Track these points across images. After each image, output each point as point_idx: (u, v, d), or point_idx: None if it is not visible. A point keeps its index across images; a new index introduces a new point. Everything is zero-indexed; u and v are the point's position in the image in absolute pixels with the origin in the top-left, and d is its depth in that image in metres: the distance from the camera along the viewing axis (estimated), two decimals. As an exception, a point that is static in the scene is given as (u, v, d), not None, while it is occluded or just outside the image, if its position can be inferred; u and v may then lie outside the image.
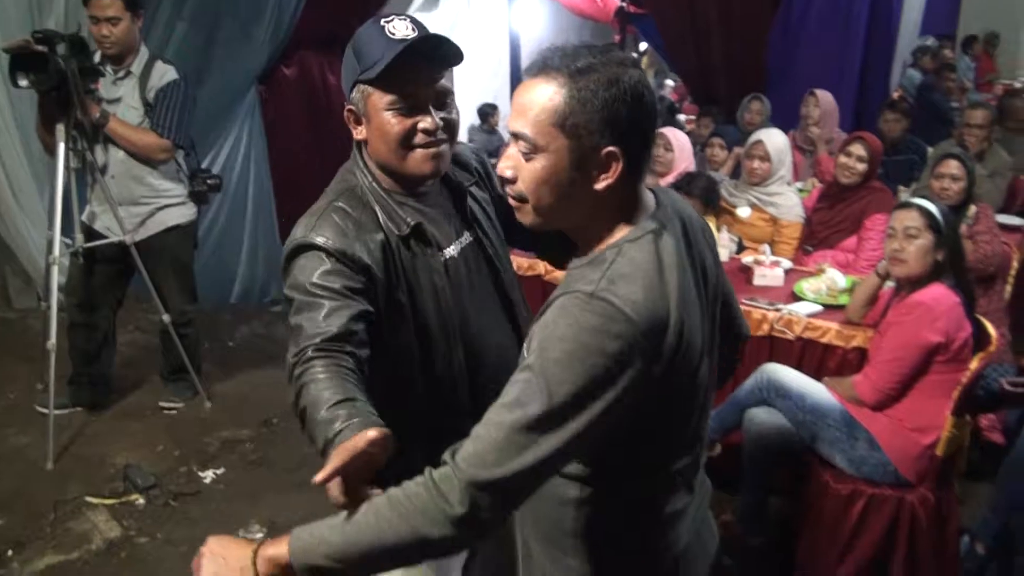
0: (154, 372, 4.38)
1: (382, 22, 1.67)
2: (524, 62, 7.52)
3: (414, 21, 1.69)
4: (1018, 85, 8.83)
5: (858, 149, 4.18)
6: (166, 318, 3.95)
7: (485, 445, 1.25)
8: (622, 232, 1.39)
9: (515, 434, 1.25)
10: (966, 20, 10.73)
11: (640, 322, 1.26)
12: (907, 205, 2.95)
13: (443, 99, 1.72)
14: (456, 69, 6.13)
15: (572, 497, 1.47)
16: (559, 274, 3.78)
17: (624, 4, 8.97)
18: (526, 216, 1.42)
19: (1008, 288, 4.12)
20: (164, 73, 3.66)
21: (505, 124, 8.35)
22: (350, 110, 1.73)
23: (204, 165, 4.34)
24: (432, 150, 1.70)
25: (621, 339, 1.25)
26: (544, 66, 1.35)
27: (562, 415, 1.25)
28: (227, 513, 3.43)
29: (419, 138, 1.69)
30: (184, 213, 3.89)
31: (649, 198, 1.44)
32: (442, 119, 1.70)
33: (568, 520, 1.49)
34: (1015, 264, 4.19)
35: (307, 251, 1.65)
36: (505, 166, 1.40)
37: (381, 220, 1.72)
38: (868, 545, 2.87)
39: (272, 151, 5.28)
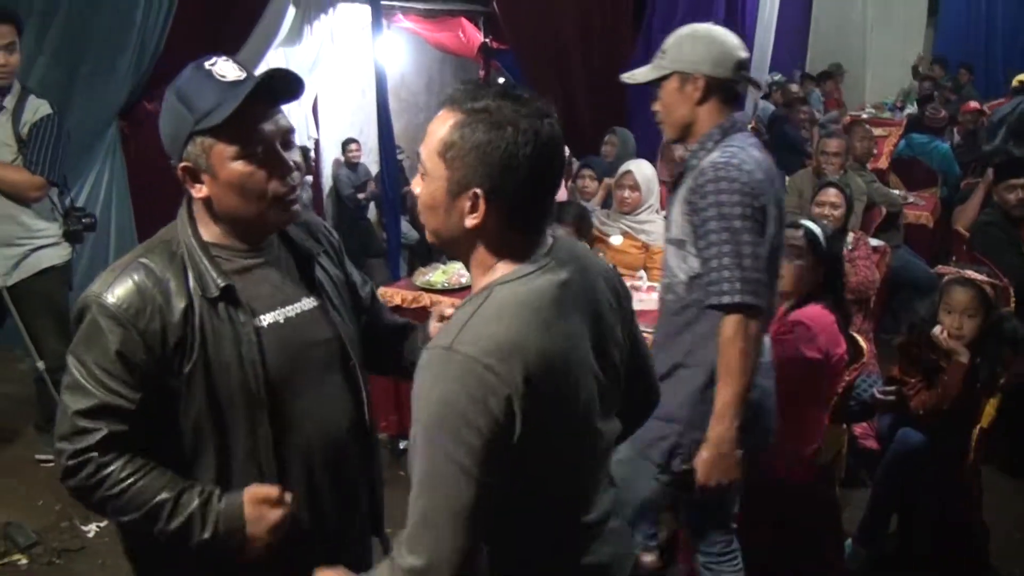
0: (27, 424, 4.15)
1: (207, 66, 1.55)
2: (390, 96, 7.51)
3: (237, 61, 1.58)
4: (864, 116, 9.43)
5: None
6: (40, 365, 3.74)
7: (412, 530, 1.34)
8: (499, 273, 1.42)
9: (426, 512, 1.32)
10: (814, 56, 11.40)
11: (493, 361, 1.29)
12: (795, 225, 3.10)
13: (288, 140, 1.60)
14: (321, 104, 6.22)
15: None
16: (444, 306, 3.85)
17: (488, 40, 9.13)
18: (428, 235, 1.48)
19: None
20: (38, 108, 3.52)
21: (366, 158, 8.25)
22: (185, 167, 1.56)
23: (70, 203, 4.16)
24: (293, 198, 1.60)
25: (481, 386, 1.29)
26: (450, 99, 1.40)
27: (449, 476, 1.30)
28: (114, 567, 3.27)
29: (277, 186, 1.56)
30: (59, 254, 3.72)
31: (542, 245, 1.45)
32: (292, 162, 1.59)
33: None
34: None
35: (97, 312, 1.52)
36: (414, 182, 1.47)
37: (189, 280, 1.56)
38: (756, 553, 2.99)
39: (134, 188, 5.11)
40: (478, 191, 1.35)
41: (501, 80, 10.48)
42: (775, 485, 2.94)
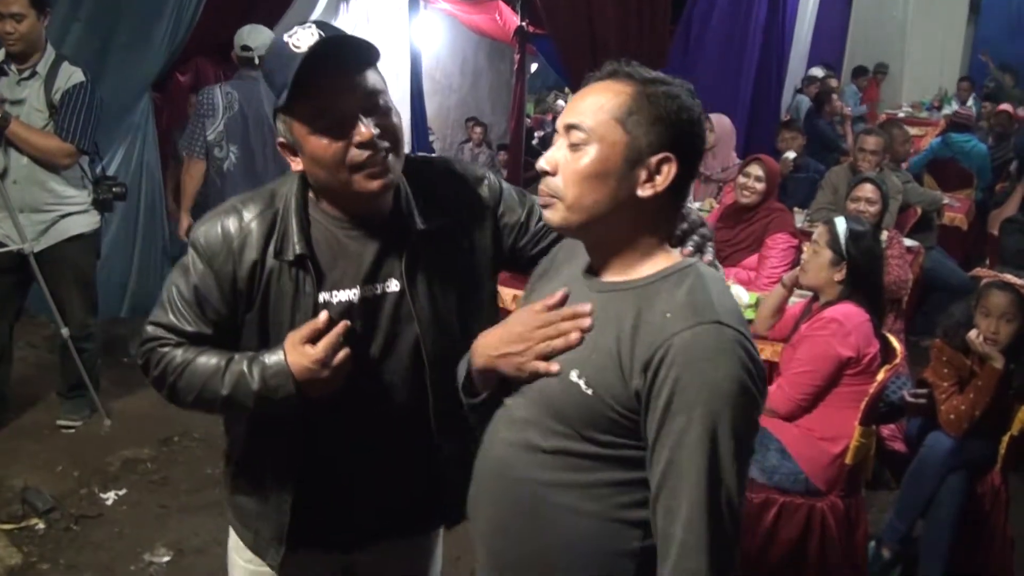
0: (49, 390, 4.17)
1: (285, 37, 1.47)
2: (424, 77, 7.46)
3: (321, 26, 1.48)
4: (901, 115, 9.30)
5: (756, 169, 4.29)
6: (65, 332, 3.75)
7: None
8: (666, 258, 1.38)
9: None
10: (852, 51, 11.24)
11: (749, 337, 1.30)
12: (828, 221, 3.09)
13: (374, 103, 1.50)
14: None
15: (635, 548, 1.38)
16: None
17: (524, 24, 9.07)
18: (557, 214, 1.36)
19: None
20: (71, 75, 3.51)
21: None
22: (282, 143, 1.56)
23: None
24: (375, 167, 1.49)
25: (753, 362, 1.28)
26: (615, 72, 1.36)
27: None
28: (132, 536, 3.28)
29: (355, 154, 1.47)
30: (88, 221, 3.73)
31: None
32: (377, 126, 1.48)
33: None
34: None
35: (191, 246, 1.62)
36: (547, 158, 1.36)
37: (273, 237, 1.57)
38: (780, 552, 2.94)
39: (165, 160, 5.11)
40: (669, 154, 1.32)
41: (535, 65, 10.46)
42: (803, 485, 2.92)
